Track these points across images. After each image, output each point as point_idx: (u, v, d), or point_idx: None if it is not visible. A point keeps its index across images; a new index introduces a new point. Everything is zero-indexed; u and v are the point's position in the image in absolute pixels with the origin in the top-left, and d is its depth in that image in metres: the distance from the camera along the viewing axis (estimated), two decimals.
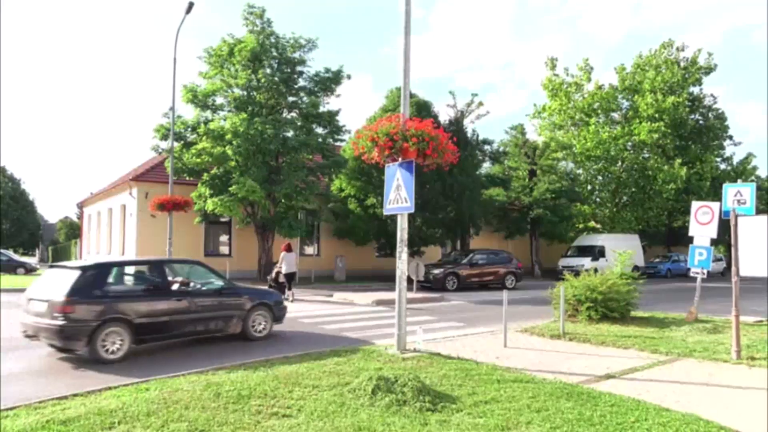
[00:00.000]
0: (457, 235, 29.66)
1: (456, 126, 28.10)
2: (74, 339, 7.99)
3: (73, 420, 5.05)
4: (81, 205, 37.93)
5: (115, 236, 28.54)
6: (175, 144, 22.32)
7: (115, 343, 8.21)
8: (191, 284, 9.93)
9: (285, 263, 17.29)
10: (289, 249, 17.67)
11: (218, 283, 10.15)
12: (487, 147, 33.92)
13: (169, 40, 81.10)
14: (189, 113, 23.82)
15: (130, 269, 10.18)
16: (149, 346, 9.10)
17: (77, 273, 8.32)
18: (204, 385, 6.21)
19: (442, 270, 22.34)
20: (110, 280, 8.92)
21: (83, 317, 7.99)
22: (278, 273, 17.45)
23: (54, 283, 8.51)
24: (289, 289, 17.08)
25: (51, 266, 9.96)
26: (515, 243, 35.72)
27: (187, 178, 23.58)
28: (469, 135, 29.46)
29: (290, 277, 17.33)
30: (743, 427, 5.17)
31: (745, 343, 9.35)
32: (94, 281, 8.41)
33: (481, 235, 31.71)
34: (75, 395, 5.94)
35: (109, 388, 6.22)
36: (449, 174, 24.35)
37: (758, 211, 13.77)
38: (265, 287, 14.95)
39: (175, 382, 6.45)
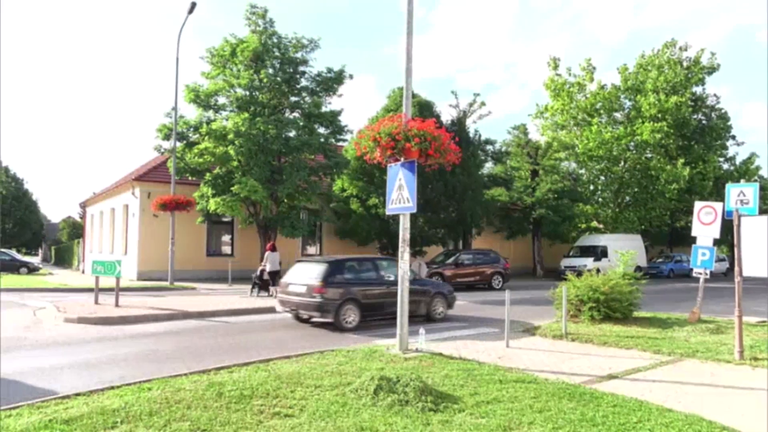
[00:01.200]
0: (459, 235, 29.66)
1: (458, 126, 28.10)
2: (326, 312, 11.27)
3: (75, 419, 5.05)
4: (83, 205, 38.00)
5: (118, 236, 28.59)
6: (178, 144, 22.36)
7: (351, 316, 11.44)
8: (392, 276, 12.11)
9: (269, 262, 18.28)
10: (273, 248, 18.84)
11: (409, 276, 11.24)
12: (489, 147, 33.93)
13: (172, 40, 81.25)
14: (191, 113, 23.90)
15: (357, 263, 12.80)
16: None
17: (325, 266, 11.75)
18: (206, 385, 6.21)
19: (426, 270, 22.13)
20: (345, 271, 12.09)
21: (332, 297, 11.25)
22: (263, 271, 18.32)
23: (308, 272, 11.98)
24: (273, 285, 17.61)
25: (299, 260, 13.55)
26: (517, 243, 35.71)
27: (190, 178, 23.61)
28: (471, 135, 29.45)
29: (274, 274, 17.96)
30: (746, 427, 5.16)
31: (748, 343, 9.33)
32: (336, 271, 11.75)
33: (483, 235, 31.70)
34: (77, 394, 5.95)
35: (112, 388, 6.23)
36: (451, 174, 24.31)
37: (761, 212, 13.74)
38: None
39: (177, 382, 6.45)
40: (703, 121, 38.93)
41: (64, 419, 5.05)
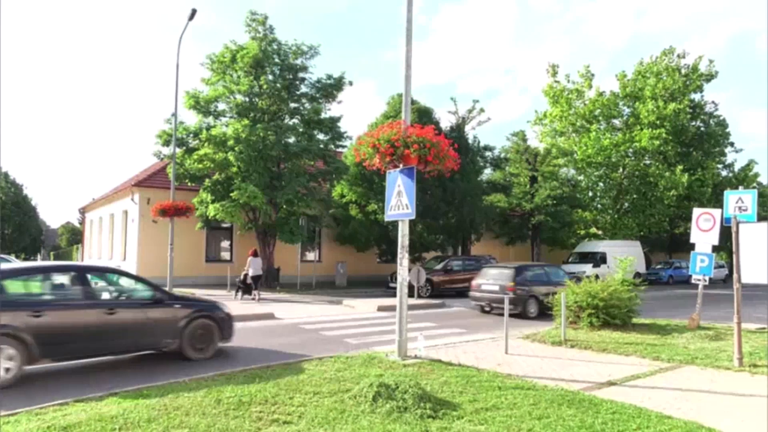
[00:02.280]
0: (459, 241, 29.67)
1: (457, 132, 28.16)
2: (517, 305, 14.64)
3: (74, 426, 5.05)
4: (83, 211, 37.99)
5: (117, 242, 28.57)
6: (177, 150, 22.37)
7: (532, 310, 15.33)
8: (558, 278, 15.96)
9: (252, 267, 19.06)
10: (255, 254, 19.72)
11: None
12: (488, 153, 34.00)
13: (172, 46, 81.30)
14: (191, 119, 23.91)
15: (535, 268, 16.94)
16: None
17: (513, 270, 15.77)
18: (205, 392, 6.20)
19: (424, 277, 21.22)
20: (527, 274, 16.02)
21: (520, 295, 15.05)
22: (246, 275, 19.19)
23: (499, 275, 16.01)
24: (255, 289, 18.83)
25: (487, 266, 18.01)
26: (517, 249, 35.73)
27: (189, 184, 23.61)
28: (470, 141, 29.51)
29: (256, 279, 19.02)
30: None
31: (747, 350, 9.32)
32: (521, 274, 15.73)
33: (482, 241, 31.71)
34: (76, 401, 5.94)
35: (110, 394, 6.22)
36: (450, 180, 24.35)
37: (760, 218, 13.76)
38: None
39: (175, 388, 6.45)
40: (702, 128, 39.01)
41: (63, 426, 5.04)
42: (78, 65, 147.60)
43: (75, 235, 63.93)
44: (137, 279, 9.59)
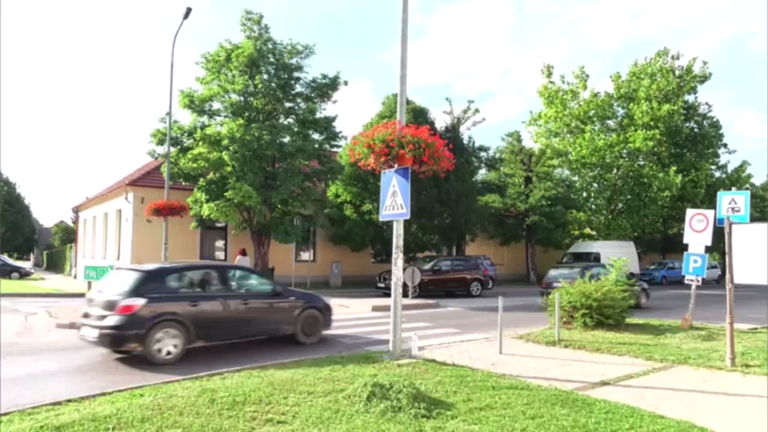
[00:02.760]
0: (453, 242, 29.70)
1: (452, 133, 28.19)
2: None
3: (67, 426, 5.02)
4: (76, 210, 37.81)
5: (111, 241, 28.45)
6: (172, 149, 22.30)
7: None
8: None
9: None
10: (243, 253, 20.29)
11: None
12: (483, 154, 34.07)
13: (167, 45, 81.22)
14: (186, 118, 23.83)
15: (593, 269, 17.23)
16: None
17: (580, 269, 17.34)
18: (199, 391, 6.19)
19: (419, 277, 21.00)
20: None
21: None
22: None
23: (568, 274, 17.57)
24: None
25: (557, 266, 19.62)
26: (511, 249, 35.81)
27: (183, 183, 23.54)
28: (465, 142, 29.56)
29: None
30: None
31: (740, 350, 9.38)
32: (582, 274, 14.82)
33: (477, 242, 31.76)
34: (69, 401, 5.92)
35: (103, 394, 6.20)
36: (445, 180, 24.38)
37: (752, 219, 13.84)
38: None
39: (169, 388, 6.43)
40: (695, 129, 39.25)
41: (56, 426, 5.02)
42: (72, 63, 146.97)
43: (68, 234, 63.58)
44: (260, 275, 11.48)
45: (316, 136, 24.51)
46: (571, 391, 6.74)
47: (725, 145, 40.79)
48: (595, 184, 37.19)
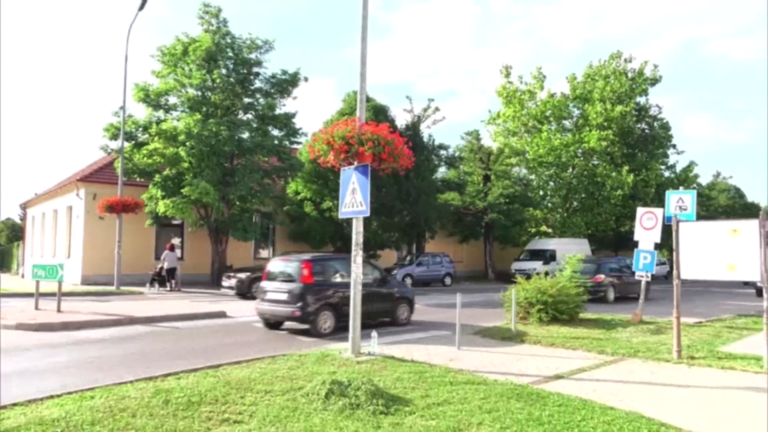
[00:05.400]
0: (413, 239, 29.89)
1: (413, 131, 28.36)
2: (597, 293, 18.32)
3: (12, 431, 4.84)
4: (24, 206, 36.33)
5: (61, 238, 27.47)
6: (126, 144, 21.72)
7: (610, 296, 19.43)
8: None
9: (167, 260, 20.63)
10: (172, 248, 21.42)
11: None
12: (443, 152, 34.39)
13: (122, 36, 78.82)
14: (140, 113, 23.25)
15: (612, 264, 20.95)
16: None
17: (596, 265, 19.67)
18: (152, 392, 6.05)
19: (248, 274, 19.25)
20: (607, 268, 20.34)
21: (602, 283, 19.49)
22: (161, 268, 20.72)
23: (589, 268, 18.51)
24: (169, 280, 20.66)
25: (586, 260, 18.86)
26: (470, 247, 36.28)
27: (138, 180, 22.96)
28: (425, 140, 29.76)
29: (171, 271, 20.80)
30: (683, 423, 5.40)
31: (686, 343, 9.77)
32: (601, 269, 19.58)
33: (436, 239, 32.04)
34: (15, 404, 5.69)
35: (51, 397, 5.99)
36: (405, 178, 24.51)
37: (699, 217, 14.45)
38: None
39: (121, 390, 6.26)
40: (646, 131, 40.59)
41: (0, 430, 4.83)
42: (19, 51, 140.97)
43: (15, 232, 61.05)
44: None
45: (275, 132, 24.29)
46: (526, 385, 6.88)
47: (674, 146, 42.35)
48: (552, 183, 38.03)
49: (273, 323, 11.86)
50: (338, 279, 11.75)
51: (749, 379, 7.52)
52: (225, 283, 19.53)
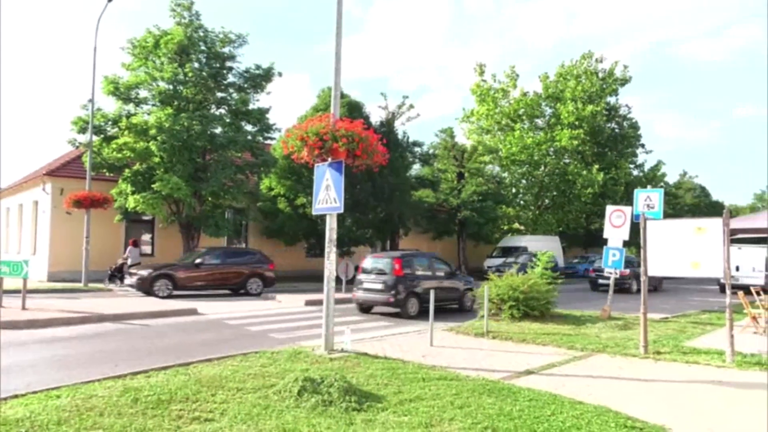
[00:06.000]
0: (387, 236, 29.92)
1: (387, 127, 28.34)
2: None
3: None
4: None
5: (26, 234, 26.76)
6: (95, 138, 21.24)
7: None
8: None
9: (130, 256, 20.43)
10: (135, 244, 21.29)
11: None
12: (417, 149, 34.42)
13: (90, 27, 77.40)
14: (110, 106, 22.70)
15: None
16: None
17: None
18: (121, 391, 5.95)
19: (150, 271, 17.99)
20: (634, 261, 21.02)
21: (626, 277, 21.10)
22: (123, 264, 20.32)
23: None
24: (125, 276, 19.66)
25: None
26: (444, 243, 36.47)
27: (107, 174, 22.47)
28: (399, 137, 29.78)
29: (134, 268, 19.91)
30: (648, 417, 5.54)
31: (652, 338, 10.02)
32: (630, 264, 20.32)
33: (410, 236, 32.13)
34: None
35: (16, 396, 5.84)
36: (380, 175, 24.48)
37: (666, 216, 14.78)
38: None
39: (89, 388, 6.15)
40: (616, 130, 41.36)
41: None
42: None
43: None
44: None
45: (249, 127, 24.00)
46: (497, 380, 6.97)
47: (643, 146, 43.28)
48: (524, 181, 38.49)
49: (365, 308, 15.08)
50: (420, 272, 14.71)
51: (712, 373, 7.74)
52: (127, 281, 18.36)
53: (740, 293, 12.01)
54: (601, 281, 22.57)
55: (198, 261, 18.77)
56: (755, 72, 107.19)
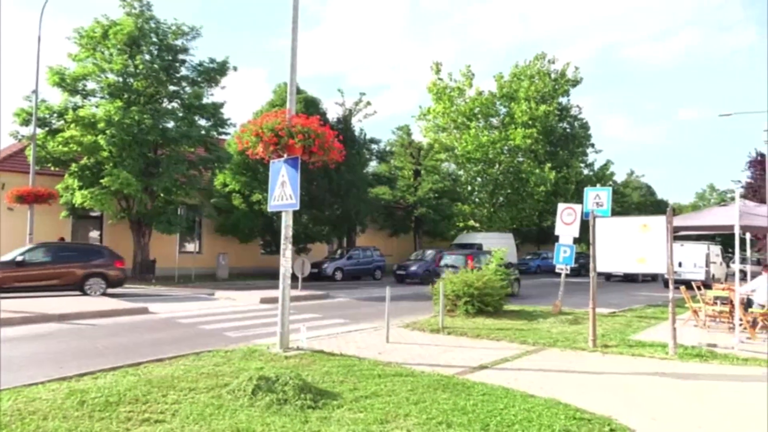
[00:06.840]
0: (344, 233, 29.88)
1: (344, 124, 28.29)
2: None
3: None
4: None
5: None
6: (39, 130, 20.38)
7: None
8: None
9: None
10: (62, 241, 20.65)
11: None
12: (374, 146, 34.51)
13: (34, 15, 74.36)
14: (56, 97, 21.94)
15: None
16: None
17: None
18: (66, 393, 5.75)
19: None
20: None
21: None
22: None
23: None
24: None
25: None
26: (400, 240, 36.70)
27: (53, 169, 21.62)
28: (356, 133, 29.77)
29: None
30: (597, 408, 5.72)
31: (600, 332, 10.35)
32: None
33: (367, 233, 32.18)
34: None
35: None
36: (336, 172, 24.41)
37: (614, 213, 15.29)
38: None
39: (32, 391, 5.91)
40: (568, 130, 42.48)
41: None
42: None
43: None
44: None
45: (202, 122, 23.52)
46: (452, 376, 7.06)
47: (593, 145, 44.58)
48: (479, 179, 39.08)
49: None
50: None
51: (656, 364, 8.07)
52: None
53: (682, 288, 12.53)
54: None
55: (20, 259, 16.11)
56: (699, 76, 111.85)
